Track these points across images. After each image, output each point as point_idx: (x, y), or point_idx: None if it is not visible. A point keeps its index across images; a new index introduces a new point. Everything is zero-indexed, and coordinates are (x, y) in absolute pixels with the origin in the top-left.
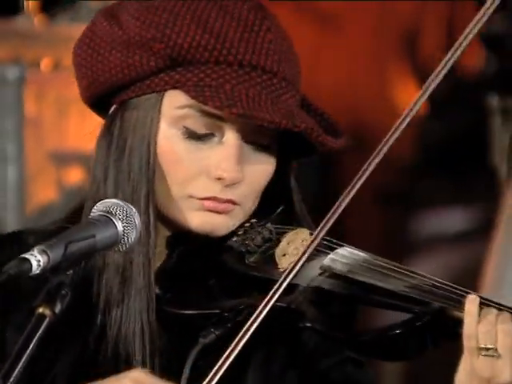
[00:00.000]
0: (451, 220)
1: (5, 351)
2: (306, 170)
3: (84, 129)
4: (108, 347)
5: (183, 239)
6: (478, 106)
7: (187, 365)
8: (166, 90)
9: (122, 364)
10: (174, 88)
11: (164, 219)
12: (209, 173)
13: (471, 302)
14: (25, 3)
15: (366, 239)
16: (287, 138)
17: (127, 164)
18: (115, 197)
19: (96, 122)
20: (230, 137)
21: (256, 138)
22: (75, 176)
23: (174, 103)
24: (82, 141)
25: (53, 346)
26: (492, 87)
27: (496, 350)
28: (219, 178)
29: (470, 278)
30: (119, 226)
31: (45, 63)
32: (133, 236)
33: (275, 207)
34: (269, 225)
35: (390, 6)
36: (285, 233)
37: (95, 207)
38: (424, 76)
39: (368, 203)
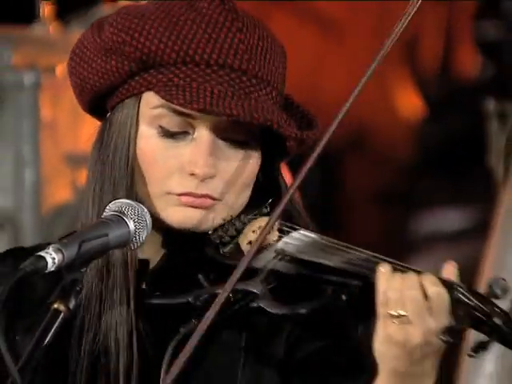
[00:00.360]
0: (449, 219)
1: (15, 353)
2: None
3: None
4: (88, 340)
5: (178, 238)
6: (476, 110)
7: (167, 353)
8: (142, 92)
9: (101, 362)
10: (148, 89)
11: (153, 220)
12: (183, 169)
13: (381, 271)
14: (40, 11)
15: (366, 238)
16: (272, 136)
17: (111, 165)
18: (99, 198)
19: None
20: (202, 133)
21: (230, 134)
22: None
23: (149, 104)
24: None
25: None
26: (489, 92)
27: (406, 315)
28: (192, 174)
29: (467, 276)
30: (131, 225)
31: (60, 69)
32: (144, 235)
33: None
34: (242, 217)
35: (389, 10)
36: (253, 219)
37: (108, 207)
38: (423, 78)
39: (369, 203)
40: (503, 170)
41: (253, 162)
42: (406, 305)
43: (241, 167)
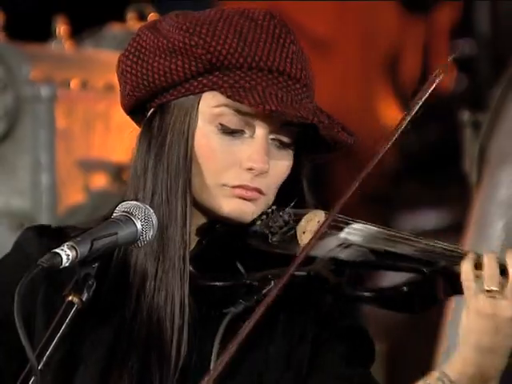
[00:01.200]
0: (428, 219)
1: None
2: None
3: (108, 140)
4: (142, 320)
5: (211, 227)
6: (451, 120)
7: (219, 333)
8: (203, 92)
9: (154, 336)
10: (212, 89)
11: (196, 208)
12: (240, 164)
13: (467, 256)
14: (56, 30)
15: None
16: (303, 139)
17: (166, 157)
18: (154, 187)
19: (118, 134)
20: (260, 132)
21: (280, 135)
22: (100, 181)
23: (211, 103)
24: (106, 151)
25: (92, 324)
26: (463, 103)
27: (499, 291)
28: (250, 169)
29: None
30: (138, 225)
31: (74, 83)
32: (150, 234)
33: (288, 199)
34: (287, 209)
35: (374, 37)
36: (302, 215)
37: (117, 208)
38: (403, 95)
39: (355, 204)
40: (476, 175)
41: (290, 162)
42: (509, 280)
43: (282, 166)
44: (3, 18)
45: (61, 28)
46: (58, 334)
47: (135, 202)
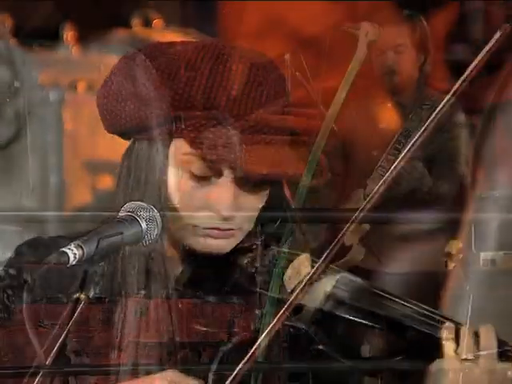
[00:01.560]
0: (423, 219)
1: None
2: None
3: (113, 142)
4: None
5: (193, 259)
6: (447, 122)
7: (211, 372)
8: (172, 139)
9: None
10: (179, 137)
11: (174, 242)
12: (210, 208)
13: (446, 328)
14: (64, 36)
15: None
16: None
17: (143, 192)
18: None
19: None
20: (227, 178)
21: (250, 176)
22: (106, 182)
23: (181, 150)
24: (113, 152)
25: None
26: (459, 105)
27: (473, 360)
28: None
29: (441, 269)
30: (143, 224)
31: (80, 86)
32: (154, 233)
33: (272, 222)
34: (272, 247)
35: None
36: (289, 258)
37: (123, 208)
38: (400, 98)
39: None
40: (471, 175)
41: (265, 193)
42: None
43: (256, 201)
44: (12, 24)
45: (68, 34)
46: (66, 331)
47: (140, 203)
